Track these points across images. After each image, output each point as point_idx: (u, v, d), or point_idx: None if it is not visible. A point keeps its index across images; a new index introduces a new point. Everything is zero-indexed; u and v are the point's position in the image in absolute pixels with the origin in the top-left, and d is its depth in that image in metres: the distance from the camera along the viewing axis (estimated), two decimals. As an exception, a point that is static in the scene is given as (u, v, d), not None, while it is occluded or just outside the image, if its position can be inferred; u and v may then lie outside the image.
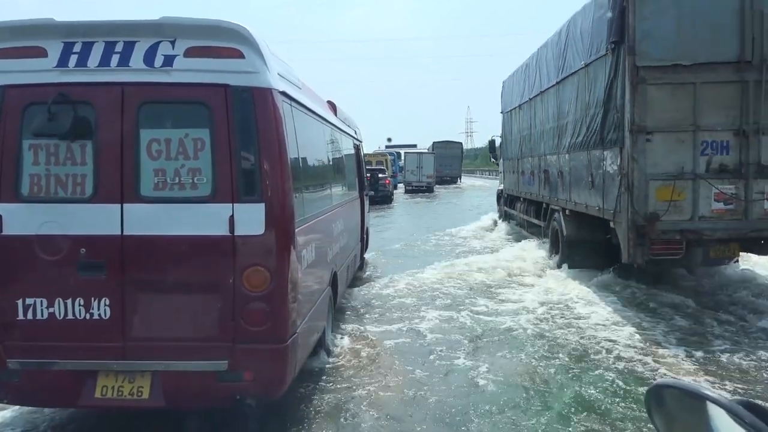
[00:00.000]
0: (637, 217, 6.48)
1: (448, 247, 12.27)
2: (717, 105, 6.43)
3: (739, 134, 6.43)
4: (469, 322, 6.31)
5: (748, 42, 6.34)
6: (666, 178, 6.43)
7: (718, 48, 6.40)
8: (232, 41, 3.40)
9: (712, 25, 6.39)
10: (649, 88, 6.43)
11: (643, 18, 6.40)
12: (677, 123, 6.44)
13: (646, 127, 6.45)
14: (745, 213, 6.48)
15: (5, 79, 3.45)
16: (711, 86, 6.41)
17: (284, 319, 3.48)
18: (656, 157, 6.46)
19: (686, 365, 5.00)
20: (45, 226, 3.42)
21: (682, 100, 6.44)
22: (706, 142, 6.47)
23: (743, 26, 6.34)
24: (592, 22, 7.62)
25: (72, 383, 3.46)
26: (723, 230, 6.58)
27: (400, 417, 4.15)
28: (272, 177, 3.41)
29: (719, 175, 6.46)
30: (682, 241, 6.59)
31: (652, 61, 6.40)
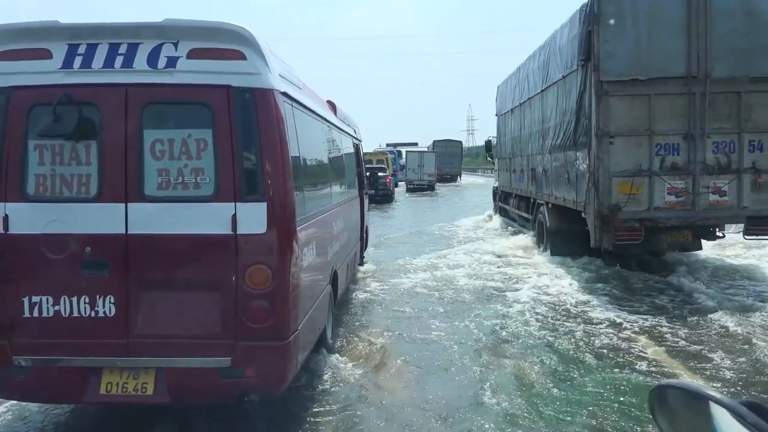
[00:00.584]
0: (602, 207, 7.77)
1: (448, 237, 13.70)
2: (668, 113, 7.71)
3: (688, 138, 7.70)
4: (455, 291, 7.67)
5: (693, 60, 7.60)
6: (626, 175, 7.71)
7: (669, 65, 7.67)
8: (234, 43, 3.47)
9: (664, 46, 7.65)
10: (612, 99, 7.72)
11: (605, 40, 7.67)
12: (635, 128, 7.73)
13: (609, 132, 7.74)
14: (693, 204, 7.76)
15: (11, 81, 3.51)
16: (663, 97, 7.70)
17: (286, 316, 3.56)
18: (618, 157, 7.74)
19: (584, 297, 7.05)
20: (50, 225, 3.48)
21: (639, 109, 7.73)
22: (659, 145, 7.74)
23: (690, 47, 7.61)
24: (568, 40, 8.89)
25: (77, 380, 3.52)
26: (675, 218, 7.86)
27: (400, 410, 4.25)
28: (274, 177, 3.48)
29: (671, 172, 7.74)
30: (641, 228, 7.86)
31: (613, 77, 7.68)
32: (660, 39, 7.66)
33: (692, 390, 1.04)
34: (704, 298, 7.06)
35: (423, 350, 5.56)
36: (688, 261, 9.13)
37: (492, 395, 4.38)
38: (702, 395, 0.99)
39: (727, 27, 7.55)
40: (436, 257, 10.42)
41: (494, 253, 10.81)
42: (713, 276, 8.31)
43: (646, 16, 7.60)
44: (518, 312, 6.68)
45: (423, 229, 15.46)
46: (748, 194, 7.70)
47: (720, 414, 0.95)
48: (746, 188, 7.70)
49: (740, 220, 7.95)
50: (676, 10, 7.58)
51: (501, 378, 4.79)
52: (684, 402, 1.06)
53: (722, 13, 7.56)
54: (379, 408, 4.25)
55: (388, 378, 4.89)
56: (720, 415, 0.95)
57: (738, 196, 7.73)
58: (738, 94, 7.63)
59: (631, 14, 7.61)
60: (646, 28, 7.65)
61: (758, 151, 7.68)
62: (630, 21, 7.63)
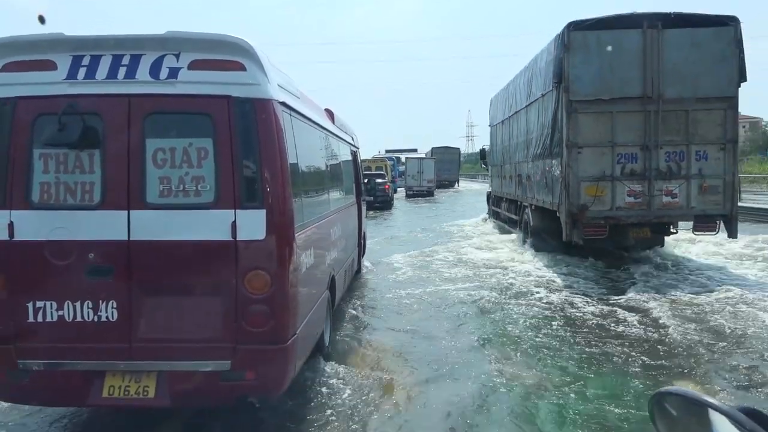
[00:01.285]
0: (572, 207, 9.31)
1: (445, 236, 15.29)
2: (628, 128, 9.26)
3: (644, 149, 9.25)
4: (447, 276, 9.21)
5: (648, 84, 9.15)
6: (592, 180, 9.26)
7: (628, 87, 9.22)
8: (234, 54, 3.59)
9: (624, 71, 9.20)
10: (579, 116, 9.27)
11: (574, 66, 9.23)
12: (599, 141, 9.29)
13: (577, 143, 9.29)
14: (649, 204, 9.30)
15: (17, 91, 3.62)
16: (623, 114, 9.25)
17: (285, 320, 3.67)
18: (585, 165, 9.29)
19: (550, 276, 8.31)
20: (55, 232, 3.57)
21: (603, 124, 9.29)
22: (620, 154, 9.28)
23: (645, 73, 9.16)
24: (546, 63, 10.44)
25: (80, 383, 3.61)
26: (634, 217, 9.38)
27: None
28: (273, 184, 3.58)
29: (630, 177, 9.27)
30: (606, 225, 9.38)
31: (581, 96, 9.24)
32: (620, 66, 9.21)
33: (691, 397, 1.05)
34: (636, 279, 8.70)
35: (425, 344, 6.10)
36: (653, 256, 10.65)
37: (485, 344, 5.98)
38: (701, 402, 1.01)
39: (676, 56, 9.11)
40: (433, 250, 12.06)
41: (485, 248, 12.50)
42: (661, 268, 9.83)
43: (609, 48, 9.17)
44: (499, 288, 8.29)
45: (425, 228, 17.15)
46: (695, 196, 9.25)
47: (719, 421, 0.97)
48: (693, 191, 9.26)
49: (689, 218, 9.53)
50: (634, 42, 9.15)
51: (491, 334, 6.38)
52: (683, 409, 1.08)
53: (672, 44, 9.12)
54: (376, 411, 4.36)
55: (385, 373, 5.15)
56: (719, 422, 0.97)
57: (687, 198, 9.27)
58: (686, 112, 9.18)
59: (596, 45, 9.18)
60: (609, 56, 9.20)
61: (703, 160, 9.22)
62: (595, 50, 9.19)
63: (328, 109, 7.48)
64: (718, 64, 9.03)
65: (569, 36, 9.19)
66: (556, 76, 9.47)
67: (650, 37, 9.09)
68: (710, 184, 9.18)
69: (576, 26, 9.19)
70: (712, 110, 9.14)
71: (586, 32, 9.19)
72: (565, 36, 9.23)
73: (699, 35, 9.15)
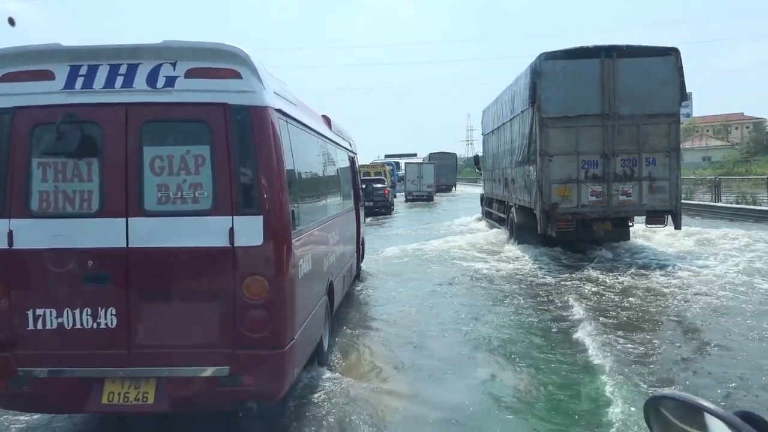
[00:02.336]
0: (545, 205, 11.51)
1: (443, 232, 17.55)
2: (589, 139, 11.47)
3: (603, 156, 11.45)
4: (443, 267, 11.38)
5: (606, 103, 11.37)
6: (561, 182, 11.46)
7: (588, 106, 11.43)
8: (230, 62, 3.67)
9: (585, 93, 11.41)
10: (550, 130, 11.49)
11: (544, 89, 11.45)
12: (566, 150, 11.49)
13: (548, 152, 11.50)
14: (608, 202, 11.49)
15: (15, 101, 3.69)
16: (585, 128, 11.46)
17: (282, 326, 3.73)
18: (555, 170, 11.49)
19: (526, 259, 10.25)
20: (54, 240, 3.63)
21: (569, 136, 11.50)
22: (584, 161, 11.48)
23: (603, 94, 11.37)
24: (524, 84, 12.66)
25: (80, 390, 3.66)
26: (596, 212, 11.58)
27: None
28: (270, 190, 3.66)
29: (592, 180, 11.47)
30: (573, 219, 11.56)
31: (550, 114, 11.46)
32: (582, 89, 11.43)
33: (688, 401, 1.08)
34: (596, 262, 10.95)
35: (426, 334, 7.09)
36: (620, 245, 12.85)
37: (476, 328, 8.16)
38: (697, 406, 1.04)
39: (628, 80, 11.33)
40: (437, 242, 14.30)
41: (479, 239, 14.82)
42: (623, 255, 12.01)
43: (573, 74, 11.40)
44: (485, 268, 10.57)
45: (424, 227, 19.46)
46: (646, 195, 11.46)
47: (715, 425, 1.00)
48: (645, 191, 11.47)
49: (642, 213, 11.76)
50: (594, 69, 11.37)
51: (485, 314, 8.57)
52: (679, 413, 1.11)
53: (625, 71, 11.33)
54: (372, 416, 4.47)
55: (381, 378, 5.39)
56: (715, 426, 1.00)
57: (639, 196, 11.48)
58: (637, 126, 11.40)
59: (562, 72, 11.41)
60: (573, 81, 11.42)
61: (652, 165, 11.43)
62: (561, 76, 11.42)
63: (326, 116, 7.69)
64: (662, 87, 11.26)
65: (541, 65, 11.43)
66: (531, 97, 11.70)
67: (607, 65, 11.33)
68: (658, 185, 11.40)
69: (547, 56, 11.44)
70: (659, 124, 11.38)
71: (555, 61, 11.42)
72: (537, 65, 11.47)
73: (647, 63, 11.38)
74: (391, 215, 26.25)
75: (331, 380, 5.07)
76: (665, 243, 13.13)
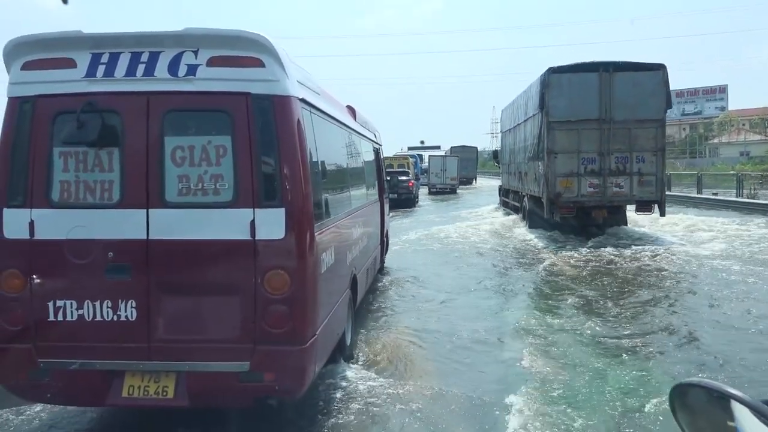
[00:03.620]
0: (551, 194, 14.17)
1: (465, 217, 20.35)
2: (589, 140, 14.07)
3: (600, 154, 14.05)
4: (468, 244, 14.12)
5: (603, 110, 13.96)
6: (564, 176, 14.09)
7: (588, 112, 14.02)
8: (253, 50, 3.68)
9: (585, 101, 14.00)
10: (556, 132, 14.12)
11: (551, 98, 14.07)
12: (569, 149, 14.11)
13: (554, 151, 14.14)
14: (604, 193, 14.11)
15: (36, 90, 3.74)
16: (586, 131, 14.06)
17: (304, 321, 3.77)
18: (559, 165, 14.13)
19: (533, 238, 12.91)
20: (74, 230, 3.69)
21: (572, 137, 14.11)
22: (584, 158, 14.10)
23: (600, 102, 13.94)
24: (535, 92, 15.28)
25: (100, 383, 3.73)
26: (593, 201, 14.20)
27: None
28: (292, 182, 3.69)
29: (590, 174, 14.08)
30: (574, 207, 14.20)
31: (556, 118, 14.08)
32: (583, 98, 14.03)
33: (714, 388, 1.09)
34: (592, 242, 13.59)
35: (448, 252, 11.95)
36: (622, 232, 15.48)
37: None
38: (724, 393, 1.06)
39: (622, 91, 13.88)
40: (461, 225, 17.11)
41: (496, 224, 17.59)
42: (623, 238, 14.63)
43: (575, 85, 14.01)
44: (508, 246, 13.28)
45: (449, 213, 22.31)
46: (635, 187, 14.03)
47: (742, 412, 1.01)
48: (635, 184, 14.03)
49: (632, 203, 14.34)
50: (593, 81, 13.94)
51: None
52: (705, 400, 1.13)
53: (619, 83, 13.88)
54: (399, 413, 4.48)
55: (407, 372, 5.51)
56: (742, 414, 1.01)
57: (630, 188, 14.06)
58: (629, 129, 13.96)
59: (567, 84, 14.02)
60: (576, 91, 14.02)
61: (641, 162, 14.00)
62: (566, 87, 14.04)
63: (350, 106, 7.68)
64: (651, 97, 13.80)
65: (549, 77, 14.05)
66: (540, 103, 14.34)
67: (604, 78, 13.90)
68: (646, 179, 13.96)
69: (553, 71, 14.07)
70: (647, 128, 13.92)
71: (561, 74, 14.05)
72: (546, 77, 14.09)
73: (638, 77, 13.93)
74: (415, 208, 26.95)
75: (354, 377, 5.07)
76: (666, 230, 15.76)
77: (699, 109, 68.04)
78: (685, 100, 67.32)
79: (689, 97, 67.72)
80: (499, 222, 18.32)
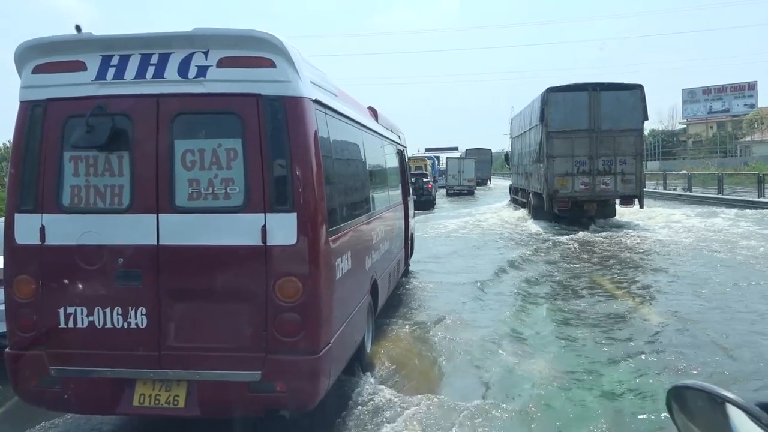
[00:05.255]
0: (550, 191, 18.40)
1: (480, 212, 24.92)
2: (581, 146, 18.29)
3: (590, 158, 18.28)
4: (479, 231, 18.83)
5: (592, 121, 18.09)
6: (561, 176, 18.20)
7: (580, 123, 18.16)
8: (264, 50, 3.76)
9: (577, 114, 18.22)
10: (553, 140, 18.35)
11: (550, 112, 18.30)
12: (565, 153, 18.30)
13: (553, 155, 18.42)
14: (593, 189, 18.17)
15: (46, 93, 3.88)
16: (578, 138, 18.31)
17: (317, 329, 3.84)
18: (557, 167, 18.30)
19: (536, 227, 17.28)
20: (84, 236, 3.83)
21: (567, 144, 18.38)
22: (577, 161, 18.48)
23: (590, 115, 18.10)
24: (537, 107, 19.69)
25: (111, 391, 3.86)
26: (584, 196, 18.36)
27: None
28: (304, 186, 3.78)
29: (582, 174, 18.35)
30: (569, 201, 18.56)
31: (554, 129, 18.24)
32: (576, 112, 18.37)
33: (709, 391, 1.18)
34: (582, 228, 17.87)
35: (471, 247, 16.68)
36: (610, 222, 20.11)
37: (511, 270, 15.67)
38: (718, 396, 1.14)
39: (607, 106, 18.00)
40: (472, 215, 21.60)
41: (504, 217, 22.15)
42: (611, 226, 19.25)
43: (569, 102, 18.36)
44: (507, 232, 17.89)
45: (465, 208, 26.81)
46: (619, 185, 18.09)
47: (736, 415, 1.10)
48: (619, 182, 18.13)
49: (617, 197, 18.38)
50: (583, 98, 18.08)
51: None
52: (701, 402, 1.22)
53: (605, 100, 17.92)
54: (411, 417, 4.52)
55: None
56: (736, 416, 1.10)
57: (615, 185, 18.25)
58: (614, 137, 18.15)
59: (562, 101, 18.26)
60: (569, 107, 18.38)
61: (624, 164, 18.33)
62: (561, 104, 18.52)
63: (372, 108, 7.86)
64: (630, 111, 17.87)
65: (548, 96, 18.28)
66: (541, 116, 18.69)
67: (593, 96, 18.07)
68: (627, 177, 18.07)
69: (551, 90, 18.19)
70: (628, 136, 17.97)
71: (557, 93, 18.21)
72: (545, 96, 18.41)
73: (620, 95, 18.21)
74: (433, 209, 28.55)
75: (372, 389, 5.04)
76: (638, 217, 20.40)
77: (727, 106, 68.10)
78: (713, 98, 68.49)
79: (716, 94, 68.47)
80: (509, 215, 22.56)
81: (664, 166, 55.30)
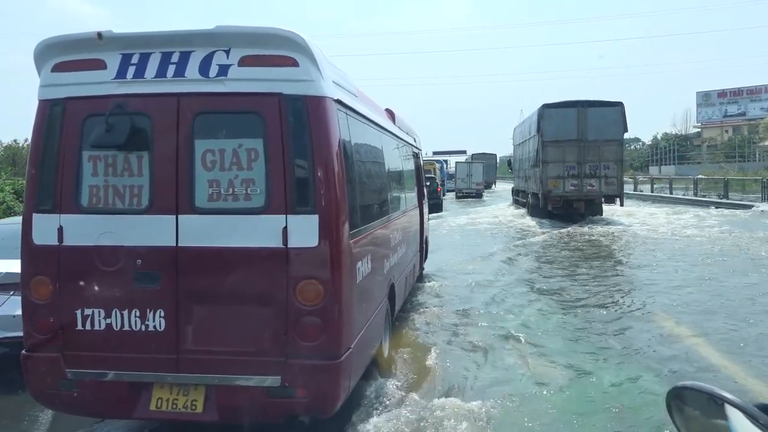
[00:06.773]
0: (545, 191, 22.51)
1: (484, 211, 29.25)
2: (570, 153, 22.31)
3: (578, 163, 22.34)
4: (484, 227, 23.96)
5: (580, 133, 22.10)
6: (554, 178, 22.14)
7: (570, 134, 22.37)
8: (286, 49, 3.84)
9: (568, 127, 22.36)
10: (548, 148, 22.34)
11: (544, 124, 22.27)
12: (558, 160, 22.32)
13: (547, 161, 22.45)
14: (581, 190, 22.24)
15: (66, 92, 3.98)
16: (569, 147, 22.36)
17: (338, 334, 3.94)
18: (550, 171, 22.24)
19: (533, 222, 21.79)
20: (103, 237, 3.91)
21: (559, 152, 22.47)
22: (567, 166, 22.65)
23: (578, 127, 22.18)
24: (534, 120, 23.85)
25: (128, 395, 3.94)
26: (574, 196, 22.31)
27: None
28: (326, 187, 3.88)
29: (572, 177, 22.42)
30: (561, 200, 22.85)
31: (548, 139, 22.24)
32: (566, 124, 22.58)
33: (708, 392, 1.25)
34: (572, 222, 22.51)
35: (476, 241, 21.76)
36: (596, 218, 25.29)
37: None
38: (718, 397, 1.21)
39: (593, 120, 22.09)
40: (479, 213, 26.01)
41: (506, 214, 26.65)
42: (596, 223, 24.32)
43: (561, 116, 22.70)
44: (517, 228, 22.83)
45: (472, 209, 31.29)
46: (603, 186, 22.06)
47: (735, 416, 1.16)
48: (602, 184, 22.10)
49: (602, 197, 22.42)
50: (573, 114, 22.17)
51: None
52: (700, 403, 1.29)
53: (591, 115, 21.77)
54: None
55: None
56: (735, 417, 1.16)
57: (600, 187, 22.32)
58: (598, 146, 21.77)
59: (555, 115, 22.37)
60: (561, 120, 22.74)
61: (607, 169, 22.49)
62: (554, 118, 22.94)
63: (389, 109, 8.13)
64: (613, 124, 21.92)
65: (543, 111, 22.81)
66: (537, 128, 23.18)
67: (581, 111, 22.04)
68: (609, 180, 22.32)
69: (546, 106, 22.41)
70: (611, 146, 21.94)
71: (551, 109, 22.45)
72: (541, 111, 22.72)
73: (603, 110, 22.28)
74: (440, 213, 28.98)
75: (391, 394, 5.28)
76: (622, 214, 25.56)
77: (743, 110, 69.33)
78: (728, 101, 69.60)
79: (732, 97, 69.60)
80: (511, 213, 26.75)
81: (680, 170, 57.23)
